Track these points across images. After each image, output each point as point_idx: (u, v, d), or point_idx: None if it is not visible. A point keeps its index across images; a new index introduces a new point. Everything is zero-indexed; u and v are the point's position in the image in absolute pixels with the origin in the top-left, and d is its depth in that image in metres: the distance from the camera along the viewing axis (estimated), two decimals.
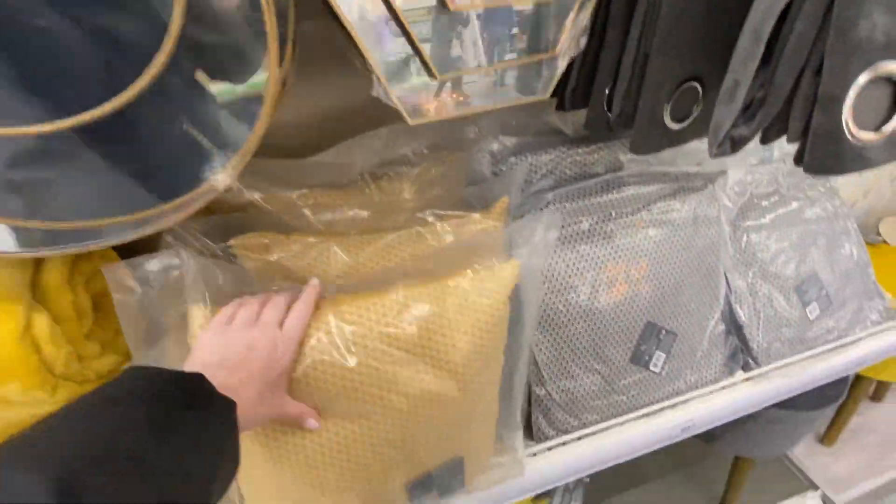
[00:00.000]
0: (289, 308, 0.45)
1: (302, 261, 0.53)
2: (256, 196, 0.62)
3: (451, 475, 0.56)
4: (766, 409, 0.87)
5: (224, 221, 0.56)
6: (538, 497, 0.83)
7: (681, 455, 1.29)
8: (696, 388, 0.78)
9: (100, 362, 0.42)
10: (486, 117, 0.71)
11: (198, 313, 0.43)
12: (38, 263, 0.38)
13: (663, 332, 0.73)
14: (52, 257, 0.39)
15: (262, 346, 0.40)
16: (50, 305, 0.38)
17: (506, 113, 0.78)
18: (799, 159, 0.43)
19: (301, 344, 0.44)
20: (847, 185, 0.97)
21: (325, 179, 0.64)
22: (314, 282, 0.49)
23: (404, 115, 0.44)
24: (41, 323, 0.36)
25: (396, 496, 0.54)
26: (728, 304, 0.81)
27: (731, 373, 0.81)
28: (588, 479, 0.85)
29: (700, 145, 0.74)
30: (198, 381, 0.35)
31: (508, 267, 0.53)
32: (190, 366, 0.38)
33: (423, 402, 0.48)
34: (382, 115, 0.62)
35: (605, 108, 0.59)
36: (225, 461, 0.34)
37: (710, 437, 1.01)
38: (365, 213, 0.60)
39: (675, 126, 0.56)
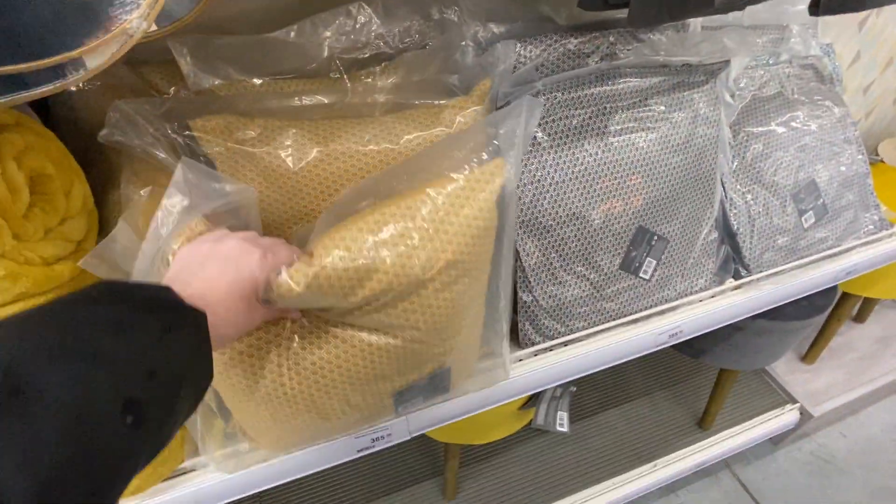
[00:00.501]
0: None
1: (267, 146, 0.49)
2: (216, 82, 0.56)
3: (437, 382, 0.55)
4: (754, 319, 0.87)
5: (181, 106, 0.51)
6: (525, 406, 0.84)
7: (666, 374, 1.32)
8: (685, 296, 0.77)
9: (43, 245, 0.38)
10: (469, 1, 0.64)
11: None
12: None
13: (655, 237, 0.71)
14: None
15: (242, 259, 0.37)
16: None
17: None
18: (815, 4, 0.38)
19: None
20: (850, 104, 0.92)
21: (291, 64, 0.58)
22: None
23: None
24: None
25: (382, 405, 0.53)
26: (723, 210, 0.78)
27: (721, 281, 0.79)
28: (575, 388, 0.86)
29: (702, 31, 0.69)
30: (164, 290, 0.32)
31: (494, 167, 0.48)
32: (165, 278, 0.36)
33: (411, 316, 0.45)
34: None
35: None
36: (194, 368, 0.32)
37: (697, 352, 1.02)
38: (335, 101, 0.55)
39: None
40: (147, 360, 0.28)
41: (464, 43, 0.62)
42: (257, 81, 0.58)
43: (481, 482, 1.11)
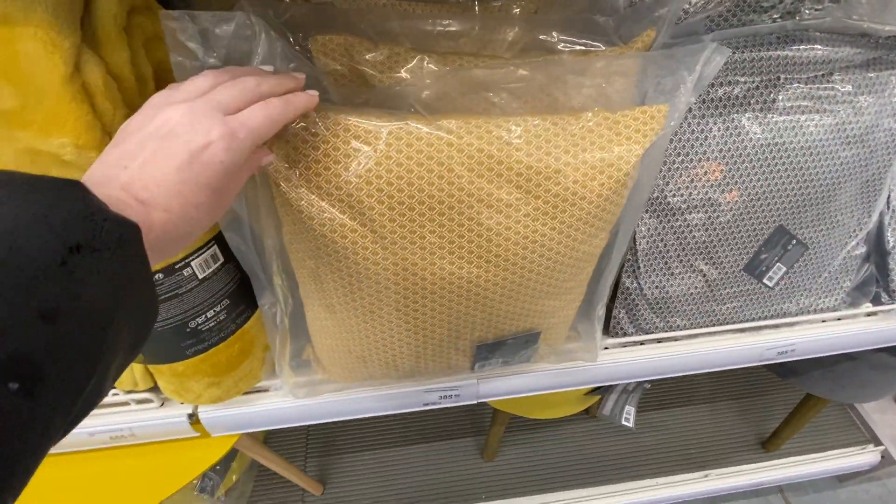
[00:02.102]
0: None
1: (388, 74, 0.43)
2: None
3: (522, 348, 0.51)
4: (876, 351, 0.76)
5: (305, 14, 0.46)
6: (592, 392, 0.79)
7: (737, 384, 1.23)
8: (807, 313, 0.67)
9: None
10: None
11: None
12: (87, 5, 0.31)
13: (793, 241, 0.61)
14: (99, 4, 0.31)
15: (187, 135, 0.27)
16: (103, 55, 0.31)
17: None
18: None
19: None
20: None
21: None
22: (313, 92, 0.34)
23: None
24: (93, 68, 0.30)
25: (461, 356, 0.50)
26: (880, 223, 0.66)
27: (854, 304, 0.68)
28: (649, 385, 0.80)
29: None
30: (70, 188, 0.22)
31: (655, 114, 0.41)
32: (99, 158, 0.27)
33: (519, 250, 0.41)
34: None
35: None
36: (124, 302, 0.23)
37: (787, 371, 0.92)
38: (462, 30, 0.48)
39: None
40: (40, 296, 0.19)
41: None
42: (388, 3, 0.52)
43: (521, 451, 1.11)
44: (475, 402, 0.63)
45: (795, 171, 0.56)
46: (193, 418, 0.57)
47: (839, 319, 0.68)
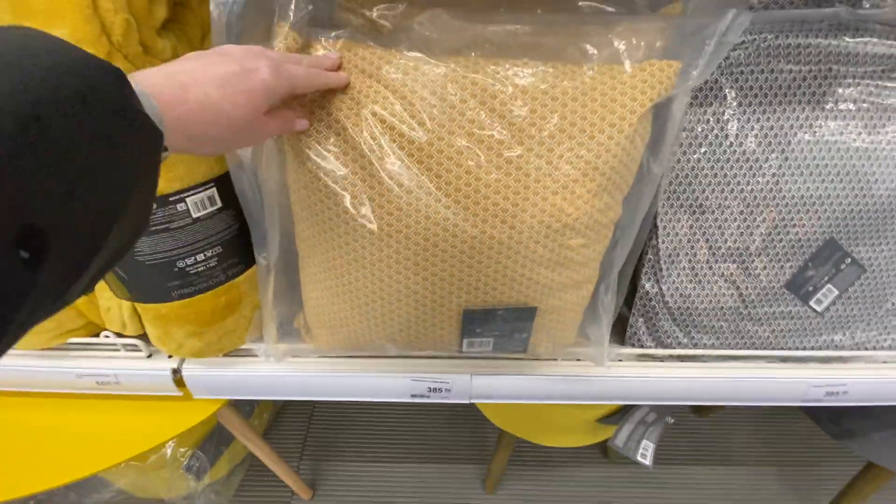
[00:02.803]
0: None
1: (407, 21, 0.43)
2: None
3: (515, 324, 0.46)
4: None
5: None
6: (605, 420, 0.71)
7: (786, 446, 1.07)
8: (863, 350, 0.57)
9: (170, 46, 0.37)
10: None
11: (282, 29, 0.36)
12: None
13: (848, 260, 0.53)
14: None
15: (240, 55, 0.31)
16: None
17: None
18: None
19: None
20: None
21: None
22: (343, 74, 0.38)
23: None
24: None
25: (449, 323, 0.46)
26: None
27: None
28: (672, 420, 0.71)
29: None
30: (112, 73, 0.22)
31: (664, 66, 0.38)
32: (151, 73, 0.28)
33: (504, 201, 0.38)
34: None
35: None
36: (133, 198, 0.23)
37: (843, 432, 0.79)
38: None
39: None
40: (66, 171, 0.19)
41: None
42: None
43: (526, 488, 1.01)
44: (468, 401, 0.58)
45: (850, 177, 0.50)
46: (177, 375, 0.56)
47: None
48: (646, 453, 0.69)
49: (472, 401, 0.58)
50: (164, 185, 0.42)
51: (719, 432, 1.09)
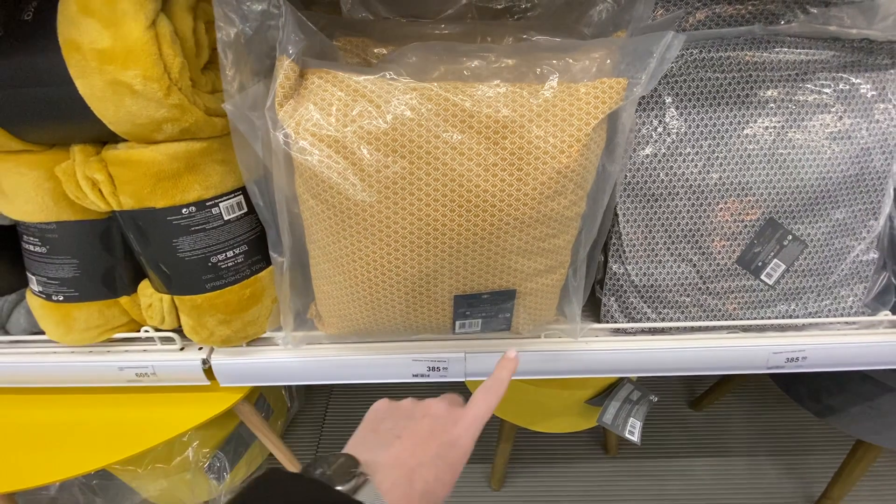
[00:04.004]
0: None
1: (391, 54, 0.53)
2: (367, 15, 0.64)
3: (499, 305, 0.54)
4: None
5: (332, 24, 0.58)
6: (593, 401, 0.77)
7: (780, 435, 1.11)
8: (816, 318, 0.64)
9: (211, 98, 0.48)
10: None
11: (282, 62, 0.45)
12: None
13: (789, 237, 0.61)
14: None
15: (443, 421, 0.36)
16: (174, 21, 0.43)
17: None
18: None
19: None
20: None
21: (433, 6, 0.63)
22: (511, 353, 0.43)
23: None
24: (165, 25, 0.41)
25: (441, 303, 0.53)
26: (891, 227, 0.64)
27: (873, 314, 0.65)
28: (655, 398, 0.76)
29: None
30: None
31: (613, 84, 0.47)
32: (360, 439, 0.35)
33: (488, 197, 0.46)
34: None
35: None
36: None
37: (824, 409, 0.84)
38: (466, 31, 0.58)
39: None
40: None
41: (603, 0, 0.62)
42: (401, 20, 0.64)
43: (531, 483, 1.05)
44: (464, 378, 0.65)
45: (779, 164, 0.58)
46: (206, 364, 0.64)
47: (856, 327, 0.64)
48: (633, 430, 0.74)
49: (468, 378, 0.65)
50: (203, 192, 0.51)
51: (714, 424, 1.13)
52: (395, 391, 1.24)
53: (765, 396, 1.19)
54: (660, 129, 0.58)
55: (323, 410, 1.24)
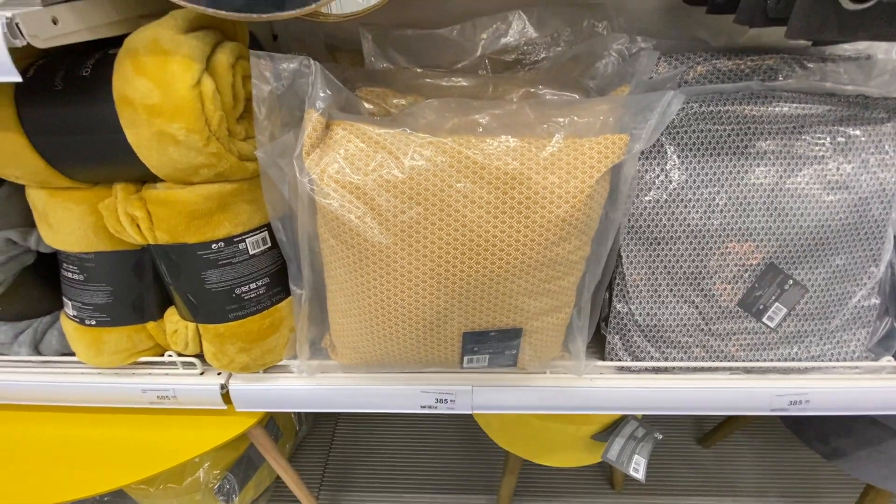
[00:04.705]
0: None
1: (409, 108, 0.57)
2: (386, 65, 0.69)
3: (506, 343, 0.57)
4: None
5: (355, 75, 0.63)
6: (599, 437, 0.78)
7: (791, 477, 1.09)
8: (820, 362, 0.65)
9: (244, 144, 0.52)
10: (621, 15, 0.67)
11: (310, 115, 0.50)
12: (215, 46, 0.48)
13: (790, 281, 0.63)
14: (224, 46, 0.49)
15: None
16: (216, 79, 0.47)
17: (645, 18, 0.73)
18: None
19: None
20: None
21: (448, 58, 0.68)
22: None
23: None
24: (208, 84, 0.46)
25: (451, 345, 0.56)
26: (892, 273, 0.65)
27: (876, 359, 0.65)
28: (660, 436, 0.77)
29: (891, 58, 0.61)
30: None
31: (616, 140, 0.50)
32: None
33: (496, 241, 0.49)
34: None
35: None
36: None
37: (831, 452, 0.83)
38: (477, 86, 0.62)
39: (851, 5, 0.47)
40: None
41: (607, 52, 0.66)
42: (418, 70, 0.69)
43: None
44: (471, 411, 0.67)
45: (777, 212, 0.61)
46: (224, 389, 0.67)
47: (858, 371, 0.65)
48: (638, 468, 0.75)
49: (474, 411, 0.67)
50: (232, 229, 0.55)
51: (722, 462, 1.12)
52: (404, 421, 1.26)
53: (775, 435, 1.17)
54: (662, 177, 0.61)
55: (330, 435, 1.25)
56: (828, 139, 0.61)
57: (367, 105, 0.60)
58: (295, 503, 1.06)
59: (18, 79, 0.38)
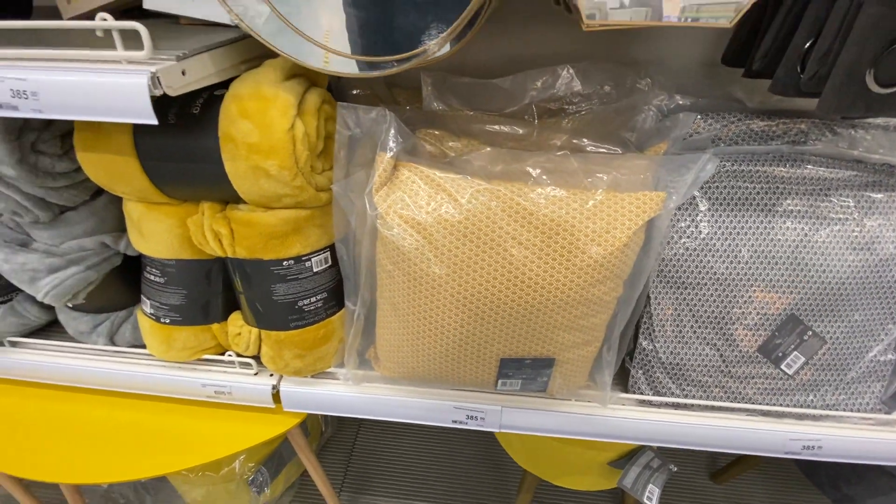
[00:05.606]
0: None
1: (460, 154, 0.64)
2: (442, 107, 0.76)
3: (538, 371, 0.62)
4: None
5: (415, 116, 0.70)
6: (615, 464, 0.82)
7: None
8: (835, 410, 0.68)
9: (320, 177, 0.59)
10: (662, 74, 0.73)
11: (381, 157, 0.56)
12: (304, 93, 0.56)
13: (809, 333, 0.66)
14: (311, 92, 0.56)
15: None
16: (304, 122, 0.55)
17: (685, 76, 0.79)
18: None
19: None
20: None
21: (499, 104, 0.75)
22: None
23: (581, 14, 0.49)
24: (300, 128, 0.53)
25: (488, 367, 0.62)
26: None
27: (889, 412, 0.68)
28: (675, 468, 0.80)
29: None
30: None
31: (654, 196, 0.56)
32: None
33: (539, 280, 0.55)
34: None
35: (799, 70, 0.56)
36: None
37: (843, 498, 0.86)
38: (523, 135, 0.69)
39: (878, 90, 0.51)
40: None
41: (647, 107, 0.71)
42: (470, 112, 0.75)
43: None
44: (498, 429, 0.72)
45: (801, 266, 0.65)
46: (275, 390, 0.73)
47: (873, 424, 0.68)
48: (651, 497, 0.79)
49: (502, 429, 0.72)
50: (301, 249, 0.62)
51: (733, 500, 1.13)
52: (423, 433, 1.31)
53: (787, 477, 1.18)
54: (692, 227, 0.66)
55: (352, 440, 1.31)
56: (852, 202, 0.65)
57: (427, 146, 0.67)
58: (317, 500, 1.12)
59: (156, 122, 0.46)
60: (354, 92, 0.80)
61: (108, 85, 0.45)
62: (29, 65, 0.46)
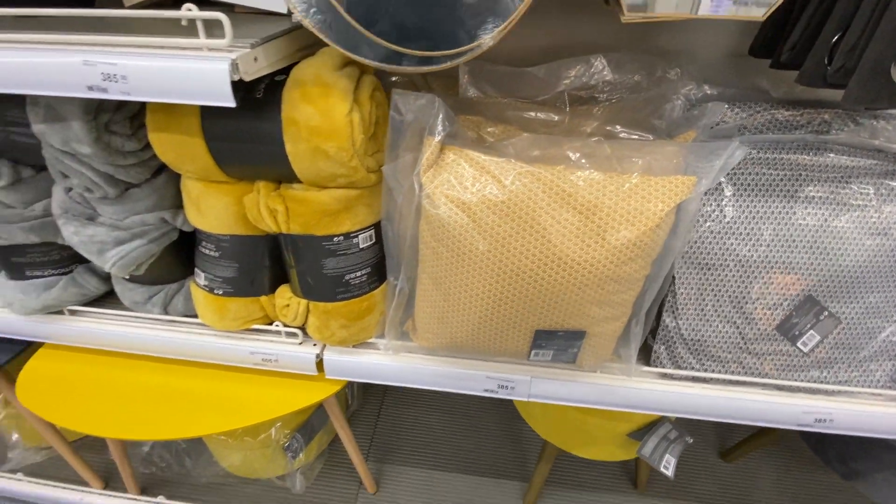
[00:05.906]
0: None
1: (498, 139, 0.68)
2: (478, 94, 0.80)
3: (569, 343, 0.67)
4: None
5: (456, 103, 0.74)
6: (634, 435, 0.87)
7: (811, 497, 1.15)
8: (847, 387, 0.72)
9: (370, 159, 0.64)
10: (691, 64, 0.76)
11: (430, 141, 0.61)
12: (358, 82, 0.60)
13: (825, 313, 0.70)
14: (364, 80, 0.60)
15: None
16: (359, 108, 0.59)
17: (713, 66, 0.82)
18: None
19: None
20: None
21: (532, 92, 0.78)
22: None
23: (623, 6, 0.53)
24: (357, 113, 0.58)
25: (523, 339, 0.66)
26: None
27: None
28: (691, 440, 0.85)
29: None
30: None
31: (685, 180, 0.60)
32: None
33: (576, 257, 0.59)
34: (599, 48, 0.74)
35: (826, 62, 0.59)
36: None
37: (851, 472, 0.90)
38: (560, 120, 0.72)
39: None
40: None
41: (676, 97, 0.74)
42: (504, 100, 0.79)
43: None
44: (527, 399, 0.77)
45: (820, 250, 0.68)
46: (319, 358, 0.79)
47: (882, 398, 0.72)
48: (668, 466, 0.84)
49: (531, 399, 0.77)
50: (351, 226, 0.67)
51: (742, 478, 1.18)
52: (445, 403, 1.37)
53: (794, 457, 1.23)
54: (717, 211, 0.70)
55: (376, 412, 1.37)
56: (872, 189, 0.68)
57: (466, 131, 0.71)
58: (345, 467, 1.19)
59: (234, 104, 0.50)
60: (393, 78, 0.84)
61: (192, 70, 0.49)
62: (119, 50, 0.50)
